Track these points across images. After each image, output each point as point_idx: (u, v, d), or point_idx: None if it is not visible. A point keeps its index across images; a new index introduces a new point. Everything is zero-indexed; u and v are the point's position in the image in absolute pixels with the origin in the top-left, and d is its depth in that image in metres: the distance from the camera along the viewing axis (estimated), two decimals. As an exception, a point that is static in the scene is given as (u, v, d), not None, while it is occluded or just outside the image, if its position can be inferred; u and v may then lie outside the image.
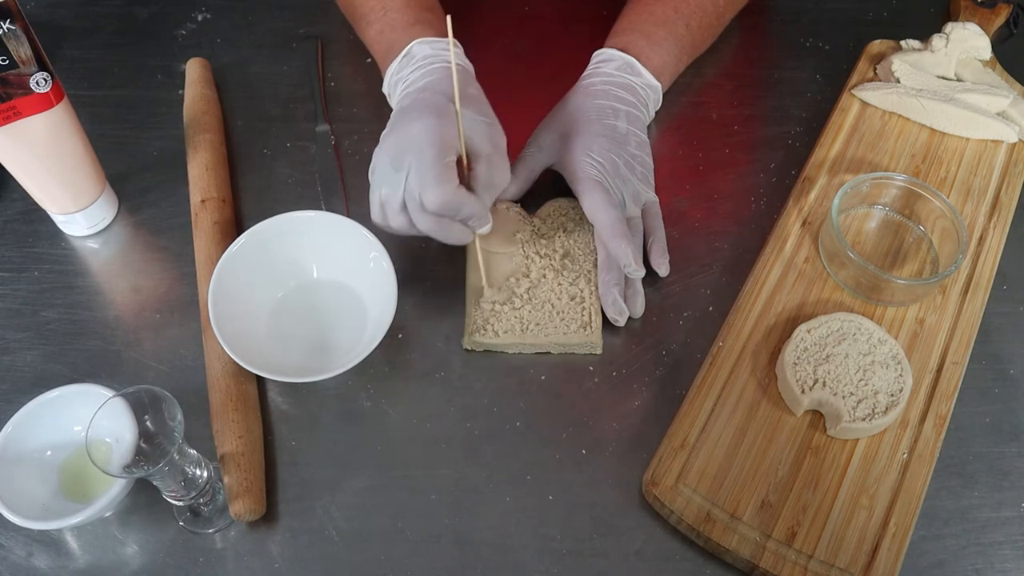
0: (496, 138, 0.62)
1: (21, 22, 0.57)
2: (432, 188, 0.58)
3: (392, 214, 0.61)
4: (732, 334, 0.63)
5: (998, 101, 0.73)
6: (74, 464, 0.58)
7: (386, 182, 0.61)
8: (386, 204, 0.62)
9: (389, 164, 0.61)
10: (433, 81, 0.64)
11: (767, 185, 0.74)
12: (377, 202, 0.62)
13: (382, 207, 0.62)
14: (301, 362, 0.63)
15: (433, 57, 0.66)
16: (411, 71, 0.67)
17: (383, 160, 0.61)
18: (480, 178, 0.61)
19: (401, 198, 0.60)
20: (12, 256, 0.70)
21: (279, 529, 0.58)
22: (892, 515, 0.56)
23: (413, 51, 0.68)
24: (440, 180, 0.58)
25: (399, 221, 0.61)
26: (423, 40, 0.68)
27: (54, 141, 0.64)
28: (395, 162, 0.60)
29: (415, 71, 0.66)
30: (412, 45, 0.68)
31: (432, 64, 0.66)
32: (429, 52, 0.67)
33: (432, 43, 0.67)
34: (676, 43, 0.73)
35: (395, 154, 0.60)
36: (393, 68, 0.69)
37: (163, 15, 0.86)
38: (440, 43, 0.68)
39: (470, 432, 0.61)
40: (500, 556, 0.57)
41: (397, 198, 0.60)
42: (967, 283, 0.66)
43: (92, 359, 0.65)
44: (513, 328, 0.64)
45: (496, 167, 0.61)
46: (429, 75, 0.65)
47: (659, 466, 0.58)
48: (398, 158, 0.60)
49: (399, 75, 0.68)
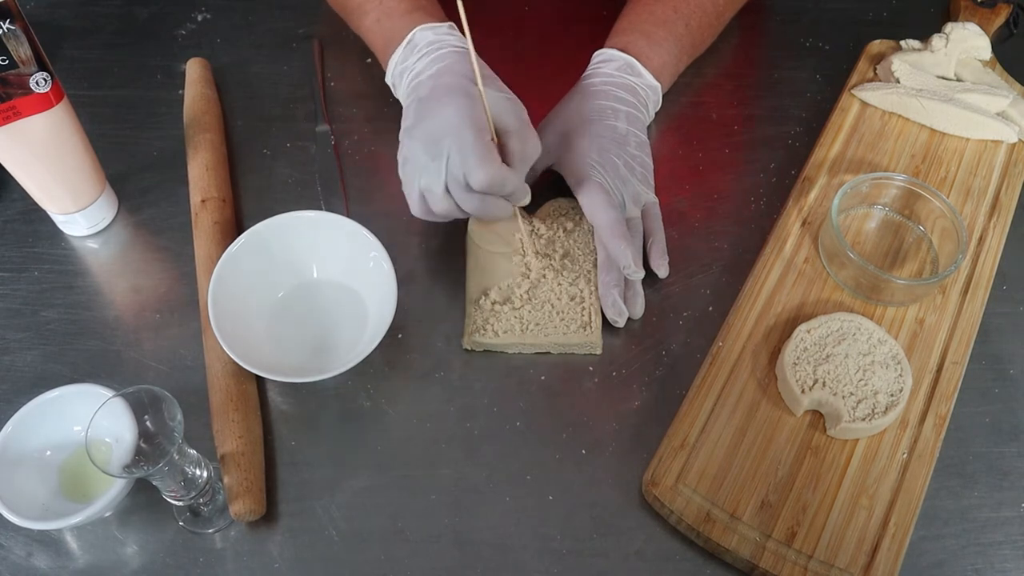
0: (520, 112, 0.62)
1: (21, 22, 0.57)
2: (478, 168, 0.58)
3: (436, 201, 0.62)
4: (732, 334, 0.63)
5: (998, 101, 0.73)
6: (74, 464, 0.58)
7: (424, 171, 0.61)
8: (428, 192, 0.62)
9: (424, 153, 0.61)
10: (446, 66, 0.64)
11: (767, 185, 0.74)
12: (416, 192, 0.62)
13: (422, 196, 0.62)
14: (301, 362, 0.63)
15: (438, 43, 0.66)
16: (417, 59, 0.66)
17: (416, 149, 0.61)
18: (514, 152, 0.61)
19: (443, 183, 0.60)
20: (12, 256, 0.70)
21: (279, 529, 0.58)
22: (892, 515, 0.56)
23: (416, 38, 0.67)
24: (485, 159, 0.58)
25: (443, 206, 0.62)
26: (425, 26, 0.67)
27: (54, 141, 0.64)
28: (431, 150, 0.60)
29: (421, 59, 0.66)
30: (414, 32, 0.67)
31: (439, 50, 0.65)
32: (433, 38, 0.67)
33: (434, 29, 0.67)
34: (676, 43, 0.73)
35: (430, 141, 0.60)
36: (397, 57, 0.68)
37: (163, 15, 0.86)
38: (442, 28, 0.67)
39: (470, 432, 0.61)
40: (500, 556, 0.57)
41: (439, 184, 0.60)
42: (967, 283, 0.66)
43: (92, 359, 0.65)
44: (513, 328, 0.64)
45: (527, 140, 0.61)
46: (439, 61, 0.65)
47: (659, 466, 0.58)
48: (434, 145, 0.60)
49: (404, 64, 0.68)
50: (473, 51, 0.58)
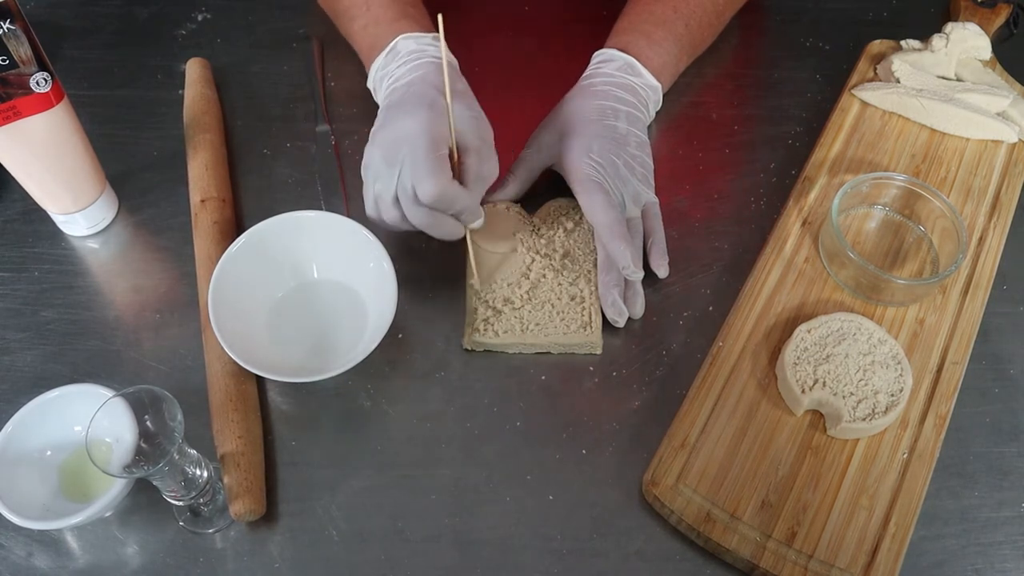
0: (484, 132, 0.62)
1: (21, 22, 0.57)
2: (426, 180, 0.58)
3: (385, 208, 0.62)
4: (732, 334, 0.63)
5: (998, 101, 0.73)
6: (74, 464, 0.58)
7: (380, 177, 0.61)
8: (379, 199, 0.62)
9: (381, 159, 0.61)
10: (420, 76, 0.64)
11: (767, 185, 0.74)
12: (371, 197, 0.63)
13: (375, 202, 0.63)
14: (301, 362, 0.63)
15: (419, 52, 0.66)
16: (397, 66, 0.67)
17: (375, 155, 0.62)
18: (471, 171, 0.61)
19: (394, 192, 0.61)
20: (12, 256, 0.70)
21: (279, 529, 0.58)
22: (892, 515, 0.56)
23: (398, 47, 0.68)
24: (434, 172, 0.58)
25: (392, 215, 0.62)
26: (408, 35, 0.68)
27: (54, 141, 0.64)
28: (388, 157, 0.60)
29: (401, 66, 0.66)
30: (397, 40, 0.68)
31: (418, 59, 0.66)
32: (414, 47, 0.67)
33: (417, 38, 0.68)
34: (676, 43, 0.73)
35: (388, 148, 0.60)
36: (378, 63, 0.69)
37: (163, 15, 0.86)
38: (425, 38, 0.68)
39: (470, 432, 0.61)
40: (500, 556, 0.57)
41: (390, 192, 0.61)
42: (967, 283, 0.66)
43: (92, 359, 0.65)
44: (513, 328, 0.64)
45: (485, 160, 0.61)
46: (416, 70, 0.65)
47: (659, 466, 0.58)
48: (391, 152, 0.60)
49: (384, 70, 0.68)
50: (446, 62, 0.58)
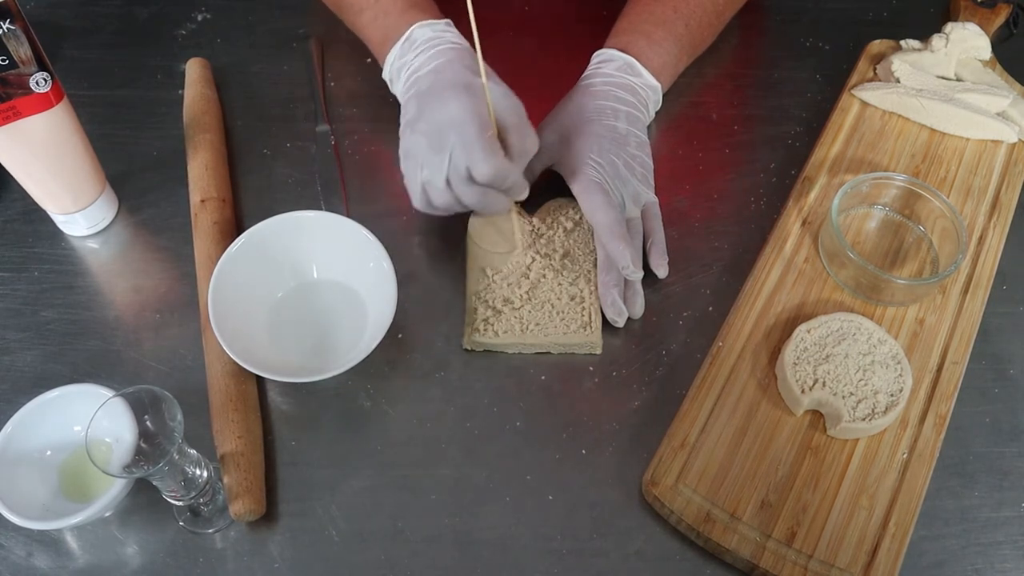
0: (520, 109, 0.63)
1: (21, 22, 0.57)
2: (482, 161, 0.59)
3: (437, 194, 0.63)
4: (732, 334, 0.63)
5: (998, 101, 0.73)
6: (74, 464, 0.58)
7: (427, 164, 0.62)
8: (429, 185, 0.63)
9: (427, 146, 0.62)
10: (446, 62, 0.65)
11: (767, 185, 0.74)
12: (418, 185, 0.63)
13: (424, 189, 0.63)
14: (301, 362, 0.63)
15: (436, 39, 0.67)
16: (415, 55, 0.67)
17: (419, 143, 0.62)
18: (514, 147, 0.62)
19: (445, 176, 0.61)
20: (12, 256, 0.70)
21: (279, 529, 0.58)
22: (892, 515, 0.56)
23: (414, 35, 0.68)
24: (489, 152, 0.59)
25: (444, 199, 0.63)
26: (423, 23, 0.68)
27: (54, 141, 0.64)
28: (434, 143, 0.61)
29: (420, 54, 0.67)
30: (413, 29, 0.68)
31: (438, 46, 0.66)
32: (431, 35, 0.67)
33: (432, 25, 0.68)
34: (676, 43, 0.73)
35: (433, 135, 0.61)
36: (395, 54, 0.69)
37: (163, 15, 0.86)
38: (439, 25, 0.68)
39: (470, 432, 0.61)
40: (500, 556, 0.57)
41: (441, 177, 0.62)
42: (967, 283, 0.66)
43: (92, 359, 0.65)
44: (513, 328, 0.64)
45: (526, 135, 0.62)
46: (438, 57, 0.65)
47: (659, 466, 0.58)
48: (438, 138, 0.61)
49: (402, 60, 0.68)
50: (479, 46, 0.59)
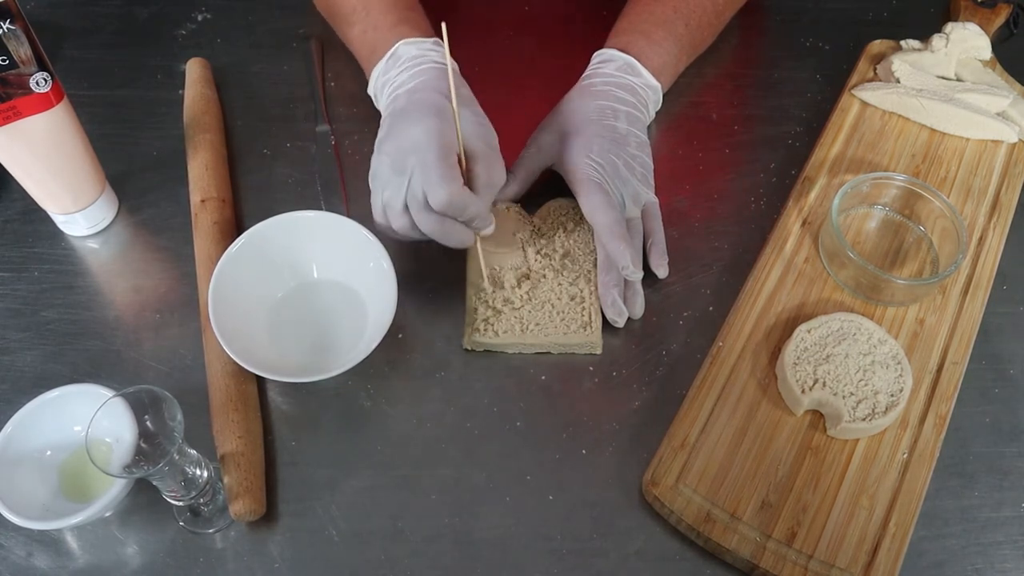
0: (490, 138, 0.62)
1: (21, 22, 0.57)
2: (437, 187, 0.58)
3: (394, 216, 0.62)
4: (732, 334, 0.63)
5: (998, 101, 0.73)
6: (74, 464, 0.58)
7: (388, 185, 0.61)
8: (388, 206, 0.62)
9: (390, 167, 0.61)
10: (424, 82, 0.64)
11: (767, 185, 0.74)
12: (379, 206, 0.63)
13: (384, 210, 0.62)
14: (301, 362, 0.63)
15: (420, 57, 0.66)
16: (398, 72, 0.67)
17: (383, 163, 0.62)
18: (479, 178, 0.61)
19: (404, 200, 0.60)
20: (12, 256, 0.70)
21: (279, 529, 0.58)
22: (892, 515, 0.56)
23: (399, 52, 0.67)
24: (445, 179, 0.58)
25: (401, 223, 0.61)
26: (409, 40, 0.67)
27: (54, 141, 0.64)
28: (397, 165, 0.60)
29: (403, 72, 0.66)
30: (398, 46, 0.67)
31: (420, 64, 0.66)
32: (416, 52, 0.67)
33: (418, 43, 0.67)
34: (676, 43, 0.73)
35: (396, 156, 0.60)
36: (379, 69, 0.69)
37: (163, 15, 0.86)
38: (426, 43, 0.68)
39: (470, 432, 0.61)
40: (500, 556, 0.57)
41: (400, 200, 0.60)
42: (967, 283, 0.66)
43: (92, 359, 0.65)
44: (513, 328, 0.64)
45: (493, 166, 0.61)
46: (419, 76, 0.65)
47: (659, 466, 0.58)
48: (400, 160, 0.60)
49: (386, 76, 0.68)
50: (451, 69, 0.58)
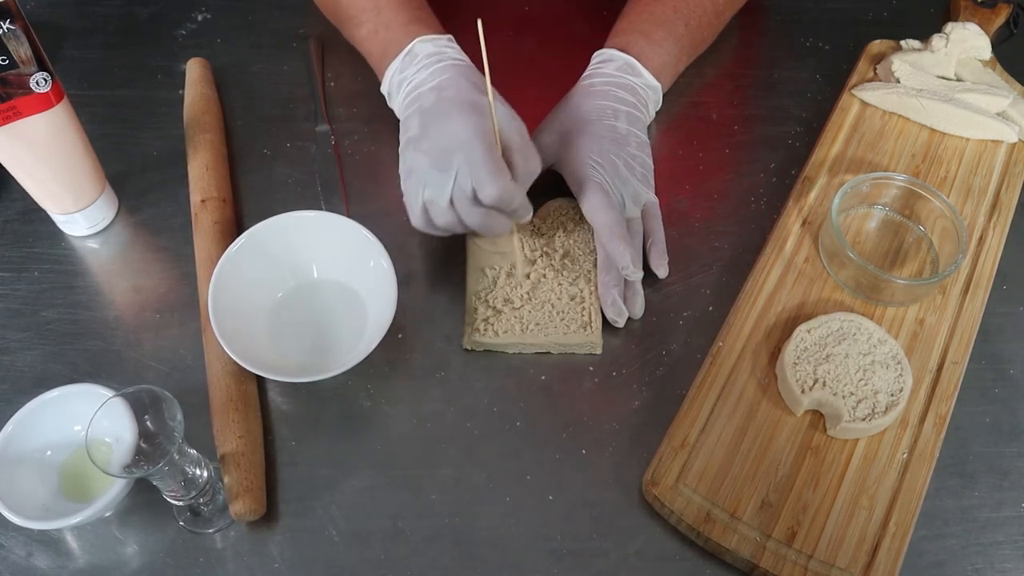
0: (523, 130, 0.63)
1: (21, 22, 0.57)
2: (489, 182, 0.58)
3: (439, 213, 0.62)
4: (732, 334, 0.63)
5: (998, 101, 0.73)
6: (74, 464, 0.58)
7: (430, 183, 0.61)
8: (431, 204, 0.62)
9: (431, 165, 0.61)
10: (449, 79, 0.64)
11: (767, 185, 0.74)
12: (420, 205, 0.62)
13: (425, 209, 0.62)
14: (301, 362, 0.63)
15: (438, 55, 0.66)
16: (416, 70, 0.66)
17: (422, 162, 0.61)
18: (518, 168, 0.61)
19: (449, 196, 0.61)
20: (12, 256, 0.70)
21: (279, 529, 0.58)
22: (892, 515, 0.56)
23: (416, 49, 0.67)
24: (496, 173, 0.58)
25: (446, 219, 0.62)
26: (424, 38, 0.67)
27: (54, 141, 0.64)
28: (439, 162, 0.60)
29: (421, 70, 0.66)
30: (414, 43, 0.67)
31: (440, 62, 0.65)
32: (433, 50, 0.67)
33: (434, 41, 0.67)
34: (676, 43, 0.73)
35: (438, 154, 0.60)
36: (395, 67, 0.68)
37: (163, 15, 0.86)
38: (441, 40, 0.68)
39: (470, 432, 0.61)
40: (500, 556, 0.57)
41: (444, 197, 0.61)
42: (967, 283, 0.66)
43: (92, 359, 0.65)
44: (513, 328, 0.64)
45: (530, 156, 0.62)
46: (440, 73, 0.65)
47: (659, 466, 0.58)
48: (443, 158, 0.60)
49: (403, 74, 0.68)
50: (488, 66, 0.58)
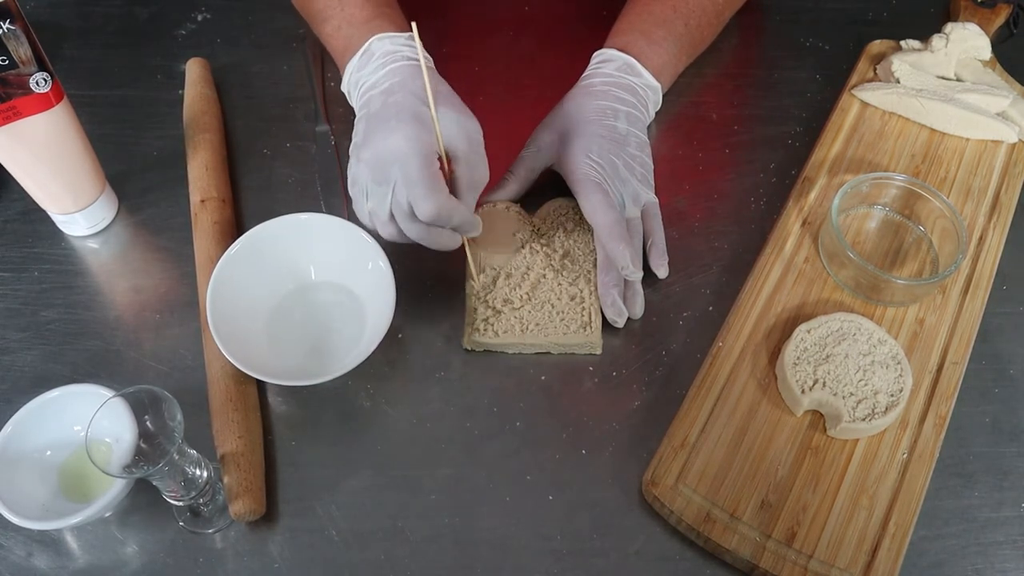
0: (473, 134, 0.60)
1: (21, 22, 0.57)
2: (423, 199, 0.57)
3: (381, 225, 0.61)
4: (732, 334, 0.63)
5: (998, 101, 0.73)
6: (74, 464, 0.58)
7: (372, 195, 0.60)
8: (374, 216, 0.61)
9: (370, 178, 0.60)
10: (399, 82, 0.62)
11: (767, 185, 0.74)
12: (365, 213, 0.62)
13: (370, 218, 0.62)
14: (300, 365, 0.63)
15: (394, 53, 0.64)
16: (371, 70, 0.64)
17: (362, 173, 0.60)
18: (462, 180, 0.60)
19: (388, 210, 0.60)
20: (12, 256, 0.70)
21: (279, 529, 0.58)
22: (892, 515, 0.56)
23: (372, 47, 0.65)
24: (431, 190, 0.57)
25: (388, 231, 0.61)
26: (383, 36, 0.65)
27: (54, 141, 0.64)
28: (377, 175, 0.59)
29: (376, 70, 0.64)
30: (371, 41, 0.65)
31: (394, 62, 0.63)
32: (390, 48, 0.64)
33: (392, 38, 0.65)
34: (676, 43, 0.73)
35: (376, 167, 0.59)
36: (352, 66, 0.66)
37: (163, 15, 0.86)
38: (400, 38, 0.65)
39: (470, 432, 0.61)
40: (500, 556, 0.57)
41: (384, 210, 0.60)
42: (967, 283, 0.66)
43: (92, 359, 0.65)
44: (513, 328, 0.64)
45: (476, 167, 0.60)
46: (392, 75, 0.62)
47: (659, 466, 0.58)
48: (381, 171, 0.59)
49: (359, 74, 0.66)
50: (425, 69, 0.57)
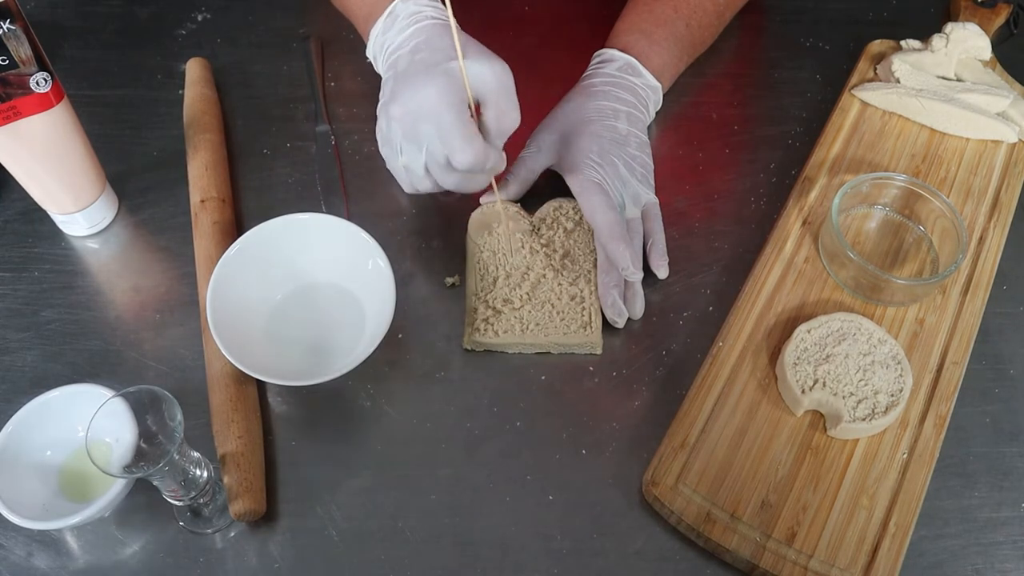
0: (503, 78, 0.60)
1: (21, 22, 0.57)
2: (461, 151, 0.58)
3: (417, 179, 0.63)
4: (732, 334, 0.63)
5: (998, 101, 0.73)
6: (74, 464, 0.58)
7: (405, 151, 0.62)
8: (409, 171, 0.63)
9: (403, 134, 0.62)
10: (424, 41, 0.63)
11: (767, 185, 0.74)
12: (400, 170, 0.64)
13: (406, 173, 0.64)
14: (299, 365, 0.63)
15: (417, 14, 0.65)
16: (396, 31, 0.65)
17: (395, 131, 0.62)
18: (490, 124, 0.61)
19: (423, 164, 0.62)
20: (12, 256, 0.70)
21: (279, 529, 0.58)
22: (892, 515, 0.56)
23: (397, 9, 0.66)
24: (467, 141, 0.58)
25: (426, 184, 0.64)
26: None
27: (54, 141, 0.64)
28: (410, 131, 0.61)
29: (401, 31, 0.65)
30: (395, 4, 0.66)
31: (418, 23, 0.64)
32: (413, 9, 0.65)
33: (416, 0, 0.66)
34: (676, 43, 0.73)
35: (409, 123, 0.61)
36: (377, 29, 0.67)
37: (163, 15, 0.86)
38: None
39: (470, 432, 0.61)
40: (500, 556, 0.57)
41: (420, 164, 0.62)
42: (967, 283, 0.66)
43: (92, 359, 0.65)
44: (513, 328, 0.64)
45: (504, 113, 0.61)
46: (417, 35, 0.64)
47: (659, 466, 0.58)
48: (413, 126, 0.60)
49: (384, 37, 0.67)
50: (454, 22, 0.57)
